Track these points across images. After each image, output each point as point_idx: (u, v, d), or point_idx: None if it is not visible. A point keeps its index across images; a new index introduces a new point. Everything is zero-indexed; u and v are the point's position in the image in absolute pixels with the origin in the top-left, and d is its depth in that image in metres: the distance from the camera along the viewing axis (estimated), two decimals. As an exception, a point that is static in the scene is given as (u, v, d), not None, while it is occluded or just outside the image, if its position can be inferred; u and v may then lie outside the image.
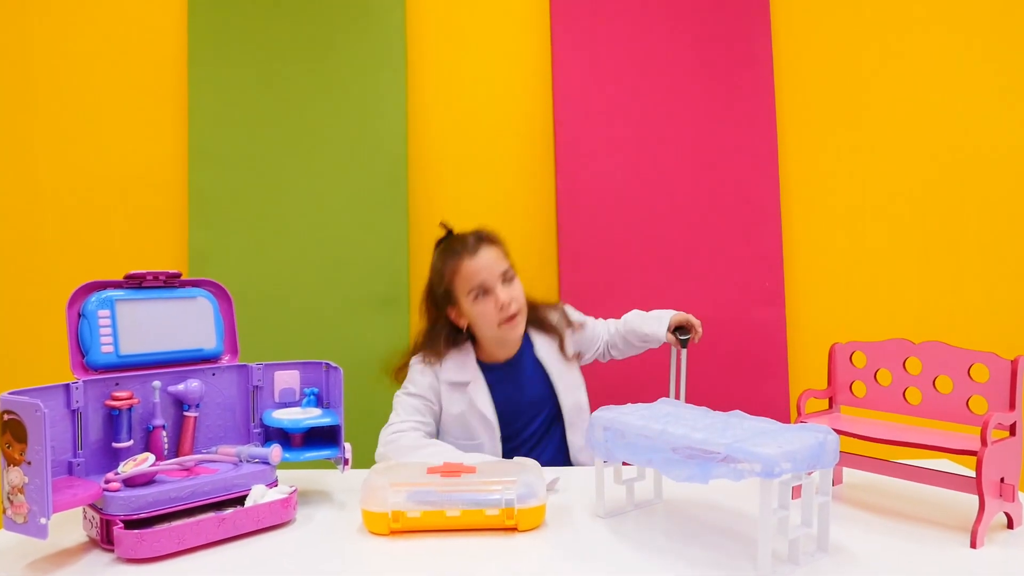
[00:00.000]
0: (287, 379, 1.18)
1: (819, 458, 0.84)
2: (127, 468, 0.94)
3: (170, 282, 1.10)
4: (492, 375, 1.46)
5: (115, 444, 1.01)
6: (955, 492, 0.99)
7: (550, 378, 1.48)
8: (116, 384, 1.03)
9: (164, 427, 1.05)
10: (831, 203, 2.11)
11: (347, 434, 1.13)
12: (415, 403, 1.42)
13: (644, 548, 0.92)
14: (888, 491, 1.12)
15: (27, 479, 0.82)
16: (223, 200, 1.99)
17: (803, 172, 2.11)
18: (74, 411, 0.99)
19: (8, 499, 0.85)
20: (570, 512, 1.05)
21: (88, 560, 0.90)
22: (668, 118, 2.05)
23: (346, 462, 1.12)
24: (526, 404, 1.47)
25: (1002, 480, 0.92)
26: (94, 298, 1.03)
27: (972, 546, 0.89)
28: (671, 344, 1.55)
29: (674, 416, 0.98)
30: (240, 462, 1.05)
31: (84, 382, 1.00)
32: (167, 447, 1.06)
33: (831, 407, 1.15)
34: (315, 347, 1.90)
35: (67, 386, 0.98)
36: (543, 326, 1.51)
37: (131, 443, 1.02)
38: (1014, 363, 0.94)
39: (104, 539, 0.92)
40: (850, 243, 2.11)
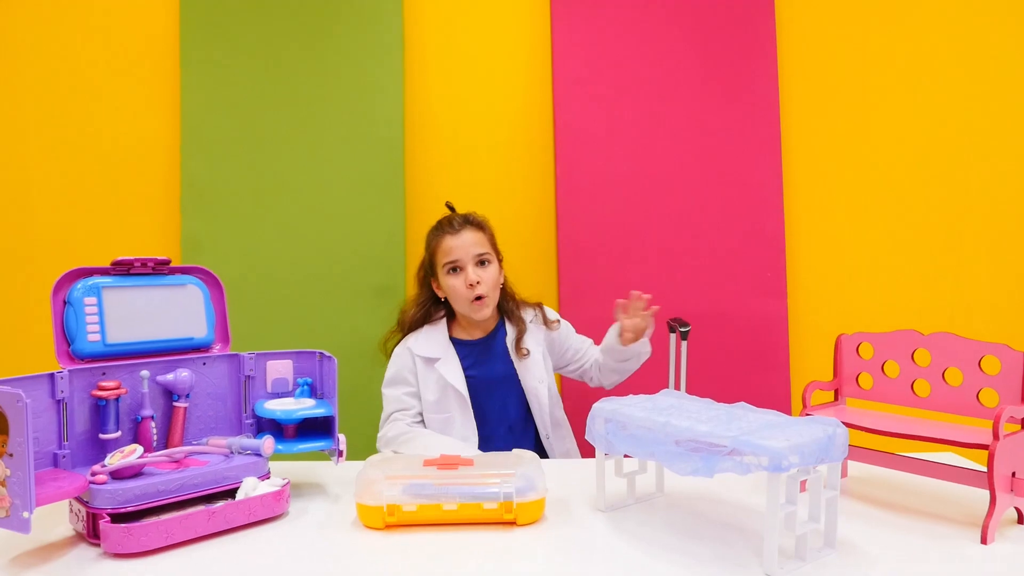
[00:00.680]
0: (280, 369, 1.16)
1: (828, 452, 0.81)
2: (114, 460, 0.92)
3: (159, 269, 1.07)
4: (464, 350, 1.55)
5: (102, 435, 0.99)
6: (963, 486, 0.97)
7: (512, 361, 1.56)
8: (103, 374, 1.00)
9: (153, 418, 1.03)
10: (834, 192, 2.09)
11: (341, 425, 1.11)
12: (393, 393, 1.53)
13: (646, 543, 0.90)
14: (893, 485, 1.10)
15: (9, 472, 0.80)
16: (216, 187, 1.95)
17: (806, 162, 2.08)
18: (59, 401, 0.96)
19: (-10, 492, 0.82)
20: (570, 506, 1.03)
21: (74, 555, 0.88)
22: (669, 106, 2.01)
23: (340, 454, 1.09)
24: (495, 381, 1.55)
25: (1013, 475, 0.90)
26: (80, 285, 1.00)
27: (983, 542, 0.87)
28: (673, 335, 1.54)
29: (677, 408, 0.95)
30: (231, 454, 1.03)
31: (70, 371, 0.97)
32: (156, 438, 1.03)
33: (836, 399, 1.13)
34: (309, 336, 1.89)
35: (52, 375, 0.95)
36: (511, 317, 1.60)
37: (119, 434, 1.00)
38: (1027, 355, 0.91)
39: (90, 533, 0.90)
40: (853, 234, 2.08)
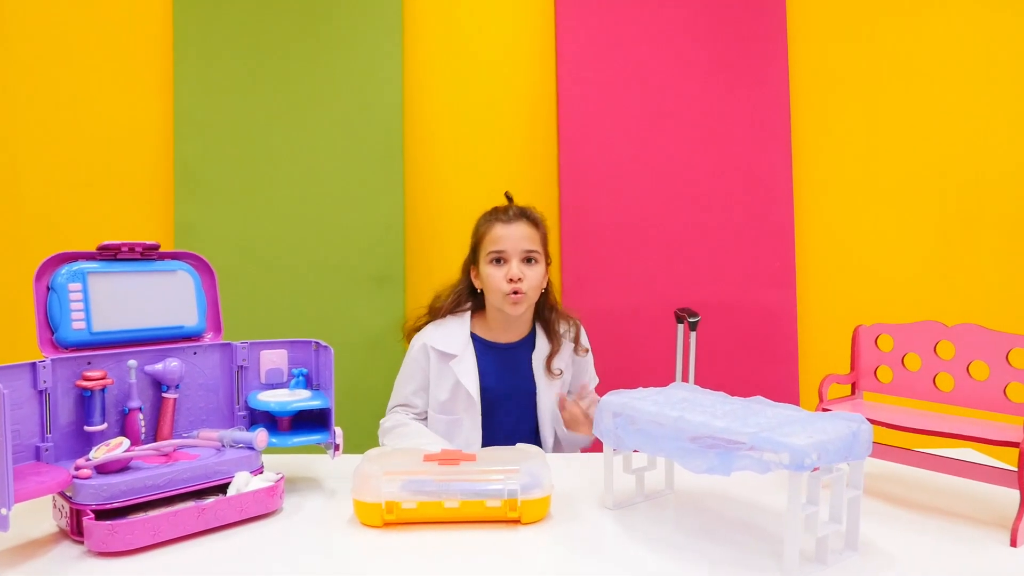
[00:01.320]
0: (274, 359, 1.12)
1: (851, 449, 0.77)
2: (99, 453, 0.88)
3: (147, 254, 1.03)
4: (485, 353, 1.45)
5: (87, 428, 0.94)
6: (988, 485, 0.93)
7: (534, 376, 1.46)
8: (88, 363, 0.96)
9: (141, 409, 0.99)
10: (844, 182, 2.04)
11: (338, 418, 1.07)
12: (401, 388, 1.45)
13: (656, 542, 0.86)
14: (914, 483, 1.05)
15: (-15, 466, 0.75)
16: (211, 172, 1.89)
17: (816, 152, 2.03)
18: (42, 392, 0.92)
19: (-34, 487, 0.78)
20: (576, 504, 0.99)
21: (56, 553, 0.84)
22: (678, 92, 1.96)
23: (337, 447, 1.05)
24: (513, 395, 1.45)
25: (1044, 473, 0.86)
26: (64, 270, 0.95)
27: (1012, 544, 0.83)
28: (682, 325, 1.49)
29: (690, 402, 0.91)
30: (223, 447, 0.99)
31: (53, 361, 0.93)
32: (144, 431, 0.99)
33: (853, 393, 1.09)
34: (304, 325, 1.84)
35: (34, 365, 0.91)
36: (549, 330, 1.48)
37: (104, 427, 0.96)
38: (1059, 348, 0.87)
39: (74, 530, 0.85)
40: (863, 224, 2.04)
